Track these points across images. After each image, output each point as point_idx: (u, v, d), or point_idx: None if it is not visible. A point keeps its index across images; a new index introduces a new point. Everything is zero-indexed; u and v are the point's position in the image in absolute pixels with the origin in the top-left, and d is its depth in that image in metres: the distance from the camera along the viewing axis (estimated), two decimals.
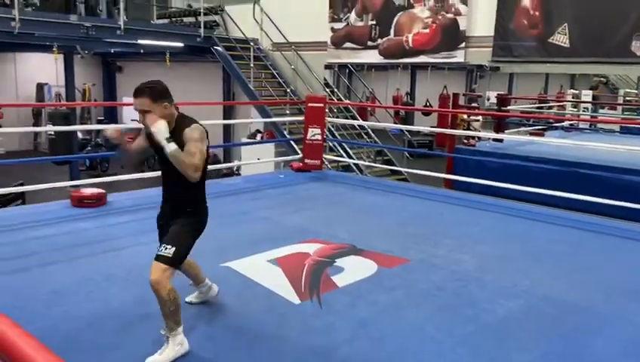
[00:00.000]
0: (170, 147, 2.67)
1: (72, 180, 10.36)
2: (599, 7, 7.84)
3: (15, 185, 8.29)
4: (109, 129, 3.21)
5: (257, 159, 10.06)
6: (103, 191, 5.66)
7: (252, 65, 11.53)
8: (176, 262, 2.76)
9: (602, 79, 16.21)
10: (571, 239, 5.09)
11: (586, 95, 15.85)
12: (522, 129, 13.15)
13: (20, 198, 9.13)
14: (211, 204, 3.36)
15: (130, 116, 15.73)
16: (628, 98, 18.46)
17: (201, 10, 12.40)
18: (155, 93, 2.73)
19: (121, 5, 11.06)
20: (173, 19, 14.30)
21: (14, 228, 4.73)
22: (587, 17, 7.97)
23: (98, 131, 15.40)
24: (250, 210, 5.74)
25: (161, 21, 13.73)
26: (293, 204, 6.18)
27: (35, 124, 17.11)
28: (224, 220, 5.23)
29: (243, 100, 12.93)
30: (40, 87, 17.19)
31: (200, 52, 12.72)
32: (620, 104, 16.12)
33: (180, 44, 12.29)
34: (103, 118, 17.12)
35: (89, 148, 14.52)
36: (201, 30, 12.00)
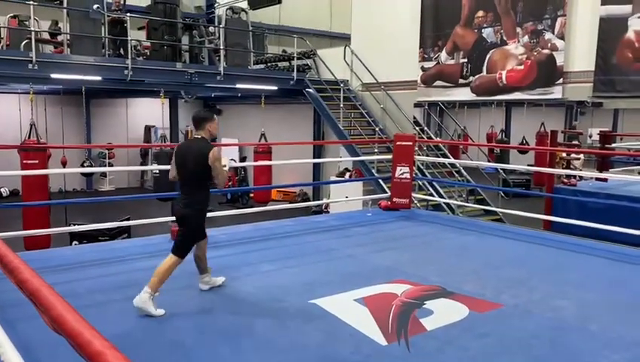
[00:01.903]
0: None
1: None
2: None
3: (122, 220, 8.97)
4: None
5: (345, 197, 10.16)
6: None
7: (342, 105, 11.79)
8: None
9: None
10: None
11: None
12: (630, 168, 12.25)
13: (126, 232, 9.82)
14: (300, 241, 3.43)
15: (228, 156, 16.56)
16: None
17: (295, 55, 12.95)
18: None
19: (222, 53, 11.84)
20: (269, 64, 15.03)
21: (123, 259, 5.11)
22: None
23: None
24: (337, 248, 5.78)
25: (257, 66, 14.49)
26: (381, 242, 6.14)
27: (143, 164, 18.49)
28: (312, 257, 5.32)
29: (332, 140, 13.19)
30: (147, 129, 18.64)
31: (293, 94, 13.24)
32: None
33: (274, 87, 12.88)
34: None
35: None
36: (294, 73, 12.51)
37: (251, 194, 14.90)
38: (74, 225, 8.28)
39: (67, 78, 10.15)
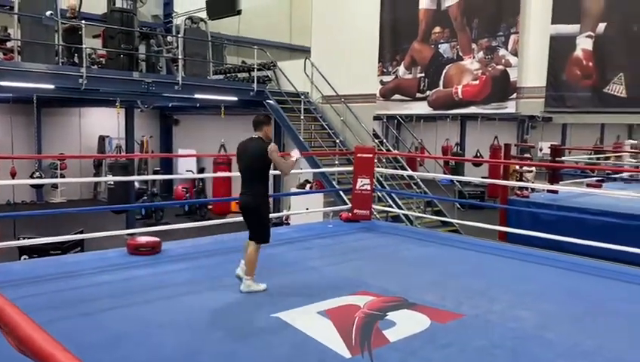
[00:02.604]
0: None
1: (127, 228, 10.73)
2: None
3: (75, 233, 8.64)
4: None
5: (306, 209, 10.13)
6: (158, 239, 5.82)
7: (302, 117, 11.81)
8: None
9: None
10: (638, 297, 4.80)
11: None
12: (578, 180, 12.76)
13: (79, 246, 9.47)
14: (261, 253, 3.32)
15: (185, 167, 16.30)
16: None
17: (255, 67, 12.91)
18: None
19: (180, 63, 11.67)
20: (228, 74, 14.93)
21: (76, 274, 4.91)
22: None
23: (154, 181, 16.00)
24: (299, 260, 5.75)
25: (216, 77, 14.37)
26: (343, 254, 6.15)
27: (96, 175, 17.96)
28: (273, 270, 5.26)
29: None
30: (102, 139, 18.13)
31: (253, 105, 13.17)
32: None
33: (234, 98, 12.78)
34: (159, 168, 17.79)
35: (145, 197, 15.03)
36: (254, 85, 12.46)
37: (210, 206, 14.68)
38: (23, 238, 7.91)
39: (17, 86, 9.77)
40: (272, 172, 4.80)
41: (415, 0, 10.57)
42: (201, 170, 16.31)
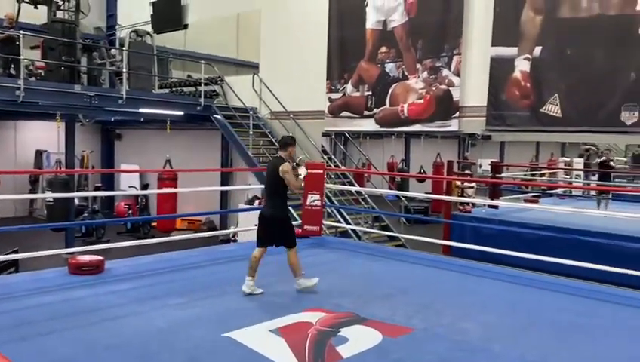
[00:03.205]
0: None
1: (67, 247, 10.26)
2: (589, 79, 8.16)
3: (9, 253, 8.19)
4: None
5: (255, 225, 10.02)
6: (102, 258, 5.61)
7: (251, 132, 11.76)
8: None
9: (592, 147, 16.58)
10: (578, 308, 5.02)
11: (578, 163, 16.14)
12: (517, 196, 13.31)
13: (14, 266, 8.98)
14: (209, 272, 3.24)
15: (128, 183, 15.81)
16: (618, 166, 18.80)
17: (202, 81, 12.78)
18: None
19: (124, 76, 11.39)
20: (174, 88, 14.70)
21: (10, 296, 4.65)
22: (578, 88, 8.28)
23: (94, 198, 15.42)
24: None
25: (162, 91, 14.11)
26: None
27: (32, 191, 17.12)
28: (223, 288, 5.18)
29: (241, 166, 13.07)
30: (39, 153, 17.34)
31: (199, 120, 13.00)
32: (611, 172, 16.36)
33: (180, 113, 12.57)
34: (100, 184, 17.16)
35: (85, 214, 14.46)
36: (202, 99, 12.32)
37: (154, 224, 14.29)
38: None
39: None
40: (231, 188, 4.77)
41: (362, 20, 10.82)
42: (144, 186, 15.87)
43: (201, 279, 5.59)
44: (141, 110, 11.95)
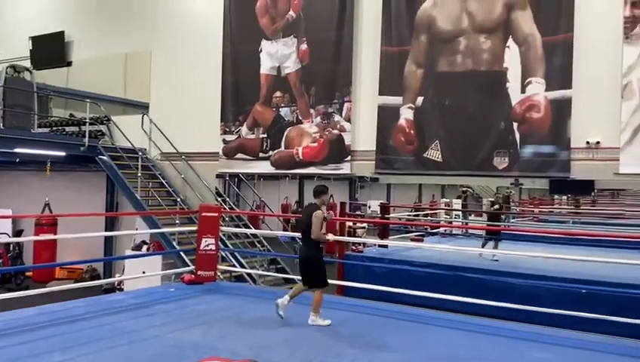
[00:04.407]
0: None
1: None
2: (465, 127, 8.93)
3: None
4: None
5: (143, 272, 9.53)
6: None
7: (139, 174, 11.30)
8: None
9: (469, 189, 18.01)
10: (463, 341, 5.32)
11: (457, 203, 17.40)
12: (404, 235, 13.97)
13: None
14: (95, 324, 3.03)
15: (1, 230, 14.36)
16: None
17: (86, 120, 12.15)
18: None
19: None
20: (55, 128, 13.81)
21: None
22: (456, 136, 9.02)
23: None
24: (139, 328, 5.37)
25: (41, 130, 13.20)
26: (187, 319, 5.88)
27: None
28: (111, 341, 4.85)
29: (128, 210, 12.44)
30: None
31: (83, 161, 12.26)
32: (485, 212, 17.81)
33: (62, 153, 11.77)
34: None
35: None
36: (86, 139, 11.67)
37: (28, 273, 13.05)
38: None
39: None
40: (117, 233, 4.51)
41: (256, 65, 11.02)
42: (18, 233, 14.51)
43: (87, 332, 5.17)
44: (17, 150, 11.03)
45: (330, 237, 5.82)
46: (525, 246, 10.93)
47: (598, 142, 7.90)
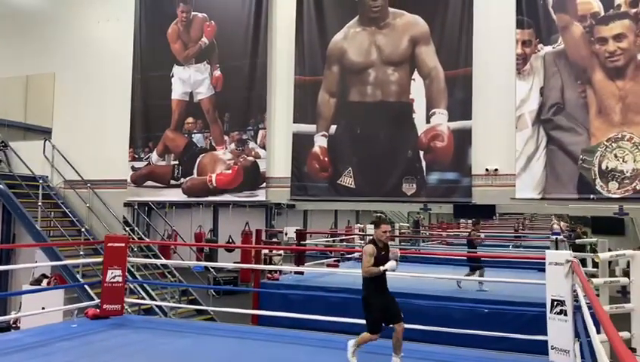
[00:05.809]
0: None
1: None
2: (376, 155, 9.22)
3: None
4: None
5: (42, 308, 8.86)
6: None
7: (40, 203, 10.60)
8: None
9: (381, 215, 18.58)
10: None
11: (371, 228, 17.83)
12: (320, 261, 14.09)
13: None
14: None
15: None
16: (402, 231, 21.36)
17: None
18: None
19: None
20: None
21: None
22: (367, 163, 9.28)
23: None
24: None
25: None
26: (92, 356, 5.53)
27: None
28: None
29: (26, 242, 11.58)
30: None
31: None
32: (397, 236, 18.42)
33: None
34: None
35: None
36: None
37: None
38: None
39: None
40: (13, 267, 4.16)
41: (167, 90, 10.80)
42: None
43: None
44: None
45: (388, 266, 5.06)
46: (433, 269, 11.39)
47: (496, 170, 8.46)
